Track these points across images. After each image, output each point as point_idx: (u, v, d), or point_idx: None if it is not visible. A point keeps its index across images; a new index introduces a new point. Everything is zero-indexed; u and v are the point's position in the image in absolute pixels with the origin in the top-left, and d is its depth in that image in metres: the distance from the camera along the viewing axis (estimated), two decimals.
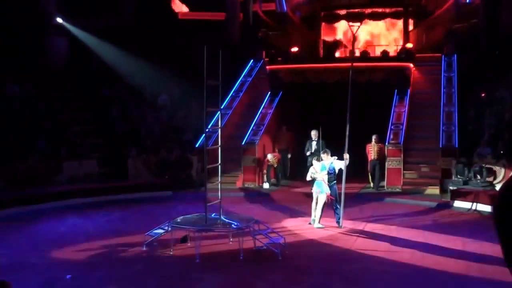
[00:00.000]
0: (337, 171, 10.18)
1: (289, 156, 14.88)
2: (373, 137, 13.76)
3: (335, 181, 10.17)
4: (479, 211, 11.59)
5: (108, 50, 17.44)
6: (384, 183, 13.79)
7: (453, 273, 7.70)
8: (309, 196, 13.21)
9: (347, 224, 10.33)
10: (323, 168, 10.07)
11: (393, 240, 9.43)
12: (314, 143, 13.79)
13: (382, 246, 9.09)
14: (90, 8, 18.37)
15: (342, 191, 10.23)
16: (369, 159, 13.77)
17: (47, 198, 12.27)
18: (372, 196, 13.28)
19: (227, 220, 8.95)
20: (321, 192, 10.01)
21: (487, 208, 11.58)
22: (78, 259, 8.38)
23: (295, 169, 14.74)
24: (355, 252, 8.84)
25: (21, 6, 17.39)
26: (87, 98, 16.81)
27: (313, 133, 13.82)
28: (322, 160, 10.21)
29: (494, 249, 8.61)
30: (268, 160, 14.38)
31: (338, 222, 10.17)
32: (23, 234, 9.86)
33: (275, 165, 14.31)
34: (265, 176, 14.45)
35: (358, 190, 13.72)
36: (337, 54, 19.01)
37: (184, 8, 20.67)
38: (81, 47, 17.55)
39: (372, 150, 13.78)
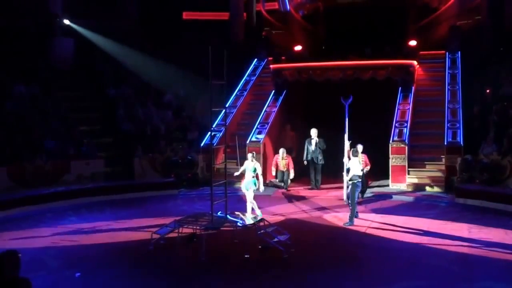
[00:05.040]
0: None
1: (293, 155, 14.92)
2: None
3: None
4: (484, 208, 11.61)
5: (114, 50, 17.57)
6: (389, 181, 13.83)
7: (459, 258, 7.93)
8: (313, 194, 13.35)
9: (354, 221, 10.39)
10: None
11: (398, 234, 9.55)
12: (313, 142, 13.81)
13: (387, 240, 9.18)
14: (96, 9, 18.51)
15: (349, 191, 10.33)
16: None
17: (55, 197, 12.42)
18: (377, 193, 13.31)
19: (232, 219, 9.05)
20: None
21: (492, 205, 11.62)
22: (86, 258, 8.49)
23: (299, 168, 14.79)
24: (361, 247, 8.93)
25: (29, 7, 17.55)
26: (93, 98, 16.96)
27: (313, 132, 13.85)
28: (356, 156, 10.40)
29: (499, 236, 8.73)
30: (277, 163, 13.94)
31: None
32: (31, 233, 9.98)
33: (284, 170, 13.83)
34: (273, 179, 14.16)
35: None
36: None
37: None
38: (87, 48, 17.69)
39: None
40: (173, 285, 7.55)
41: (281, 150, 13.91)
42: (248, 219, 9.19)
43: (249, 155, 10.68)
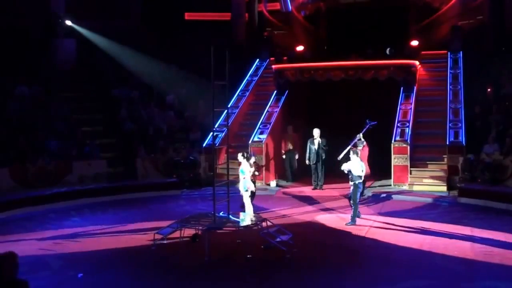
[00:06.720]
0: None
1: (296, 157, 14.94)
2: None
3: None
4: (487, 208, 11.60)
5: (116, 51, 17.61)
6: (391, 181, 13.84)
7: (461, 258, 7.97)
8: (315, 194, 13.35)
9: (356, 221, 10.39)
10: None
11: (400, 234, 9.58)
12: (316, 142, 13.83)
13: (390, 240, 9.19)
14: (97, 9, 18.54)
15: (351, 191, 10.33)
16: None
17: (58, 198, 12.45)
18: (379, 193, 13.32)
19: (235, 219, 9.06)
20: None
21: (495, 205, 11.62)
22: (89, 258, 8.51)
23: (303, 169, 14.81)
24: (364, 247, 8.94)
25: (30, 8, 17.60)
26: (95, 98, 16.99)
27: (316, 132, 13.86)
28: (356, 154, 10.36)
29: (502, 236, 8.77)
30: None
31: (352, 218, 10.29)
32: (34, 234, 9.99)
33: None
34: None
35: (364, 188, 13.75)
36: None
37: None
38: (89, 48, 17.73)
39: None
40: (176, 285, 7.56)
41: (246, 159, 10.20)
42: (243, 219, 9.12)
43: (239, 155, 10.26)
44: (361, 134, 12.21)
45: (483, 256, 8.26)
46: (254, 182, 10.40)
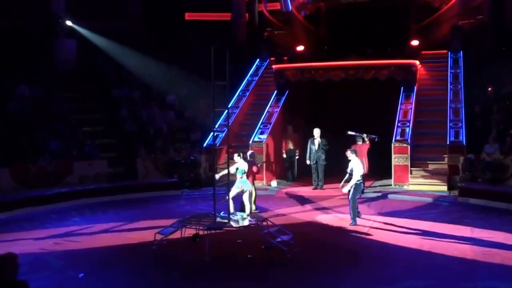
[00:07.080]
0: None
1: (296, 156, 14.94)
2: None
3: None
4: (487, 208, 11.60)
5: (117, 51, 17.62)
6: (391, 181, 13.84)
7: (461, 258, 7.98)
8: (316, 194, 13.36)
9: (356, 220, 10.39)
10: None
11: (401, 234, 9.57)
12: (316, 142, 13.84)
13: (390, 240, 9.19)
14: (98, 10, 18.55)
15: (352, 191, 10.34)
16: None
17: (58, 198, 12.45)
18: (380, 193, 13.33)
19: (235, 219, 9.06)
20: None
21: (495, 204, 11.62)
22: (89, 258, 8.52)
23: (303, 169, 14.81)
24: (364, 247, 8.94)
25: (31, 8, 17.61)
26: (96, 99, 17.01)
27: (316, 132, 13.86)
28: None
29: (502, 236, 8.77)
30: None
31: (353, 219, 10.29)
32: (34, 234, 10.00)
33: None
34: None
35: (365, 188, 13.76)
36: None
37: None
38: (90, 49, 17.74)
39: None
40: (176, 285, 7.57)
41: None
42: (243, 219, 9.07)
43: (235, 155, 10.26)
44: (365, 136, 12.78)
45: (483, 256, 8.26)
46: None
